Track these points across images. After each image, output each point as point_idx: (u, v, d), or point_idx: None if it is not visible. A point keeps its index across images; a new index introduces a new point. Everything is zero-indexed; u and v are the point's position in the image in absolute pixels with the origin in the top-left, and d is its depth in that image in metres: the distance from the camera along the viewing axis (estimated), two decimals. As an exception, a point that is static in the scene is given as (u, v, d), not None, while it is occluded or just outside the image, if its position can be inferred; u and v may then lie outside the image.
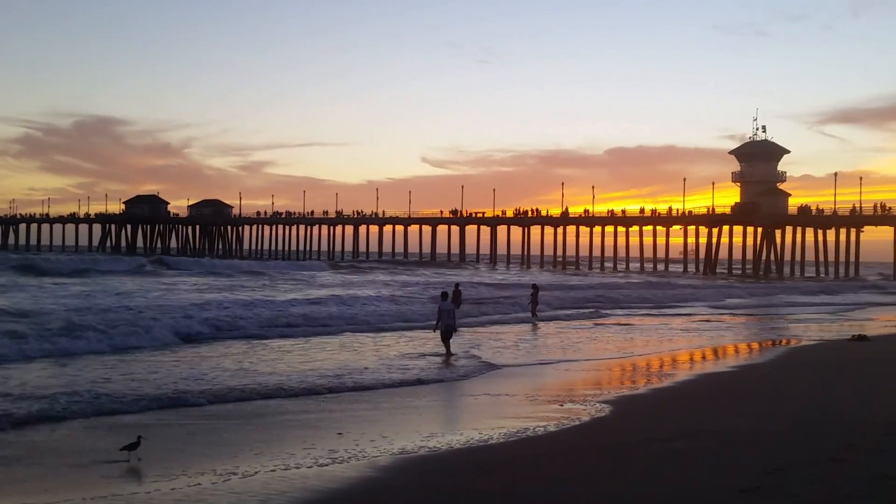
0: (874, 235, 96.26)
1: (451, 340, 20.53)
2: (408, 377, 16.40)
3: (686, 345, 24.21)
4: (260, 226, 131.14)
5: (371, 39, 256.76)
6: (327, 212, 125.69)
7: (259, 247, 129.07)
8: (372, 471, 8.78)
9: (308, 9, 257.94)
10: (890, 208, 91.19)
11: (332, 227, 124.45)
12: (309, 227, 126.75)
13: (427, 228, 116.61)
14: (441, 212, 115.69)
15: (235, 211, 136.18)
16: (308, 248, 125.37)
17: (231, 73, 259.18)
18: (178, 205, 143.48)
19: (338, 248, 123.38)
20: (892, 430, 9.56)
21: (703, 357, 21.38)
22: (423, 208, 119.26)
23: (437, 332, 20.86)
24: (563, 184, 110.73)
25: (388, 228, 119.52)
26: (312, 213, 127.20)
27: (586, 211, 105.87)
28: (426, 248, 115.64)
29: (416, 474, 8.61)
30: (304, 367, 17.19)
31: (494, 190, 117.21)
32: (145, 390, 13.57)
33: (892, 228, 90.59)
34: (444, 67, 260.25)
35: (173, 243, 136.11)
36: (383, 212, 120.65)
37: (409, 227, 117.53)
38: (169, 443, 10.17)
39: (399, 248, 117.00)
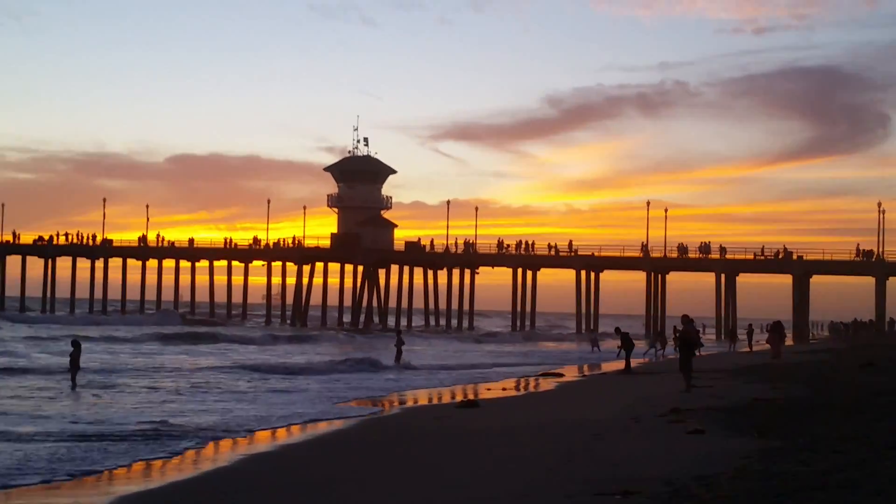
0: (490, 279, 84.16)
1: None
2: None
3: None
4: None
5: None
6: None
7: None
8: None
9: None
10: (508, 246, 77.72)
11: None
12: None
13: None
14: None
15: None
16: None
17: None
18: None
19: None
20: None
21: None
22: None
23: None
24: (105, 200, 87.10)
25: None
26: None
27: (141, 239, 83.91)
28: None
29: None
30: None
31: (4, 205, 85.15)
32: None
33: (510, 270, 77.10)
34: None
35: None
36: None
37: None
38: None
39: None
